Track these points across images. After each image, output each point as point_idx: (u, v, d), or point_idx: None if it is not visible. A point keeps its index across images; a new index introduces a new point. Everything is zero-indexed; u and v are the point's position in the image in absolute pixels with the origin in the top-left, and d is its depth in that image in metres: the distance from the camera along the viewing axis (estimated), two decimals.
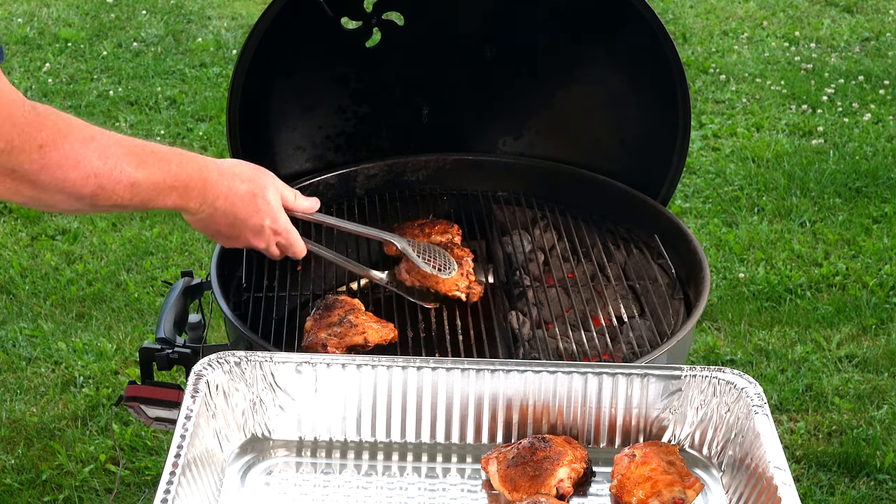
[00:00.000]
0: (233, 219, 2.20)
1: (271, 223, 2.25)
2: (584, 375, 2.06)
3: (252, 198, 2.21)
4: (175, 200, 2.09)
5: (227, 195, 2.17)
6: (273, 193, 2.26)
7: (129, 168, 1.96)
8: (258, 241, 2.27)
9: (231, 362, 2.03)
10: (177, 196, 2.08)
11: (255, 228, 2.24)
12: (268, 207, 2.24)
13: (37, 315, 4.41)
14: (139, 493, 3.59)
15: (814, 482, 3.66)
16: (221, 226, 2.21)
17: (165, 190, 2.05)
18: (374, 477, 2.02)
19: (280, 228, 2.27)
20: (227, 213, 2.18)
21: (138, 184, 1.98)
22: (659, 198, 2.96)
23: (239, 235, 2.25)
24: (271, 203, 2.25)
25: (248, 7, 7.55)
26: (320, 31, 2.90)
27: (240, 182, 2.20)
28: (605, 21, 2.93)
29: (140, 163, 1.98)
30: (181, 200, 2.10)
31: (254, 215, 2.22)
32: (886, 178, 5.41)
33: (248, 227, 2.23)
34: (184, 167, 2.08)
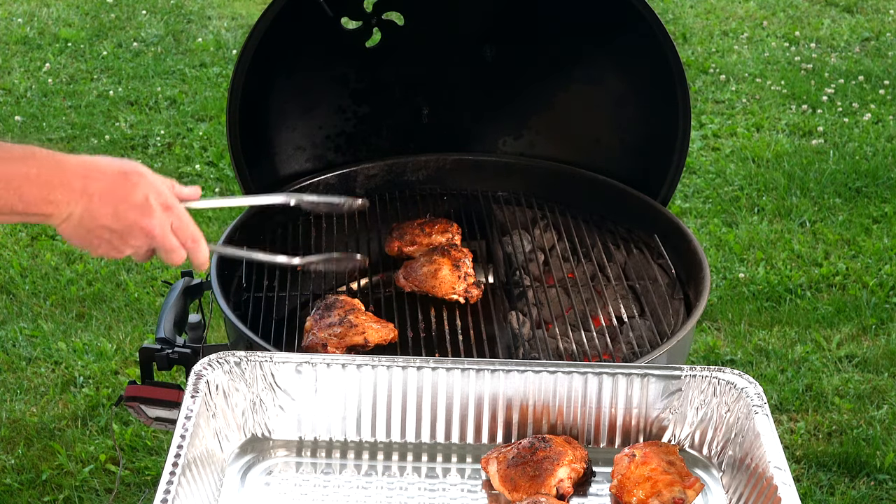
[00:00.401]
0: (113, 201, 1.86)
1: (157, 197, 1.91)
2: (584, 375, 2.06)
3: (125, 175, 1.89)
4: (33, 193, 1.79)
5: (95, 176, 1.86)
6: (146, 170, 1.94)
7: None
8: (149, 221, 1.89)
9: (231, 362, 2.03)
10: (35, 190, 1.79)
11: (141, 206, 1.88)
12: (146, 181, 1.91)
13: (37, 315, 4.41)
14: (139, 493, 3.59)
15: (814, 482, 3.66)
16: (103, 216, 1.86)
17: (14, 181, 1.77)
18: (374, 477, 2.02)
19: (169, 202, 1.93)
20: (103, 195, 1.85)
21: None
22: (659, 198, 2.96)
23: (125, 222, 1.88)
24: (148, 177, 1.92)
25: (248, 7, 7.54)
26: (320, 31, 2.91)
27: (106, 163, 1.90)
28: (606, 21, 2.93)
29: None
30: (41, 191, 1.80)
31: (134, 190, 1.88)
32: (886, 178, 5.41)
33: (134, 206, 1.88)
34: (32, 154, 1.81)
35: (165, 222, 1.91)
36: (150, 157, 5.61)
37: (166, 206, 1.92)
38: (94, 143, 5.71)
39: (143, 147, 5.73)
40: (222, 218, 5.04)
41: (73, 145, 5.68)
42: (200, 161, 5.56)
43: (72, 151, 5.53)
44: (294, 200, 2.26)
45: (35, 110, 6.03)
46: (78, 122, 5.91)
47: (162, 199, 1.91)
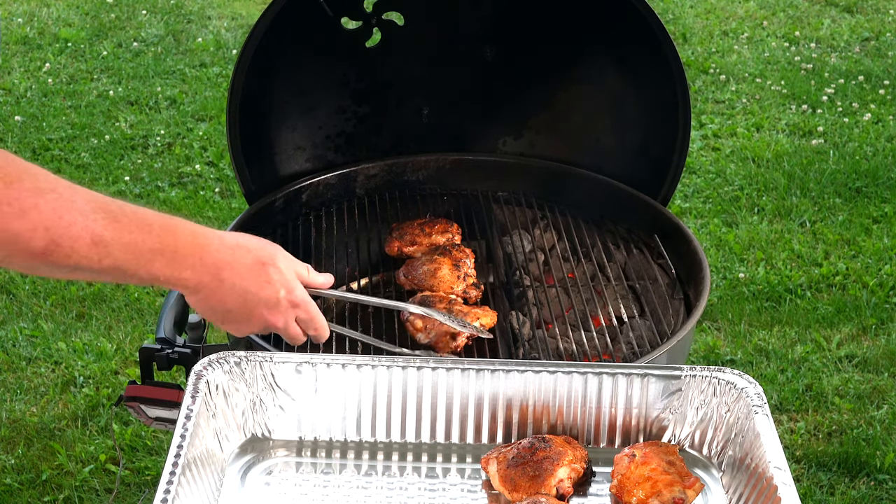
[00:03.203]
0: (243, 292, 1.92)
1: (287, 294, 1.97)
2: (584, 375, 2.06)
3: (261, 266, 1.94)
4: (162, 269, 1.81)
5: (231, 264, 1.90)
6: (284, 262, 1.99)
7: (95, 224, 1.70)
8: (275, 316, 1.97)
9: (231, 362, 2.03)
10: (164, 263, 1.81)
11: (269, 301, 1.95)
12: (280, 276, 1.97)
13: (37, 315, 4.41)
14: (139, 493, 3.59)
15: (814, 482, 3.66)
16: (230, 303, 1.92)
17: (146, 254, 1.78)
18: (374, 477, 2.01)
19: (298, 300, 2.00)
20: (234, 285, 1.90)
21: (104, 242, 1.72)
22: (659, 198, 2.96)
23: (252, 313, 1.95)
24: (283, 272, 1.98)
25: (248, 7, 7.55)
26: (320, 31, 2.90)
27: (245, 251, 1.93)
28: (605, 21, 2.93)
29: (111, 220, 1.73)
30: (170, 269, 1.82)
31: (266, 286, 1.94)
32: (886, 178, 5.41)
33: (262, 301, 1.94)
34: (171, 231, 1.82)
35: (291, 317, 2.00)
36: (150, 157, 5.62)
37: (294, 303, 1.99)
38: (94, 143, 5.71)
39: (143, 147, 5.73)
40: (222, 218, 5.05)
41: (73, 145, 5.69)
42: (200, 161, 5.56)
43: (72, 152, 5.57)
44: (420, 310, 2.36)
45: (35, 110, 6.03)
46: (78, 122, 5.91)
47: (292, 297, 1.98)
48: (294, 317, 2.01)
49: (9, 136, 5.78)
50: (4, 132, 5.83)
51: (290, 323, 2.01)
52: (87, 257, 1.71)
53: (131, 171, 5.47)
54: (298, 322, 2.03)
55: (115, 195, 5.46)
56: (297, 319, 2.02)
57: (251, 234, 2.02)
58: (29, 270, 1.75)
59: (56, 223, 1.67)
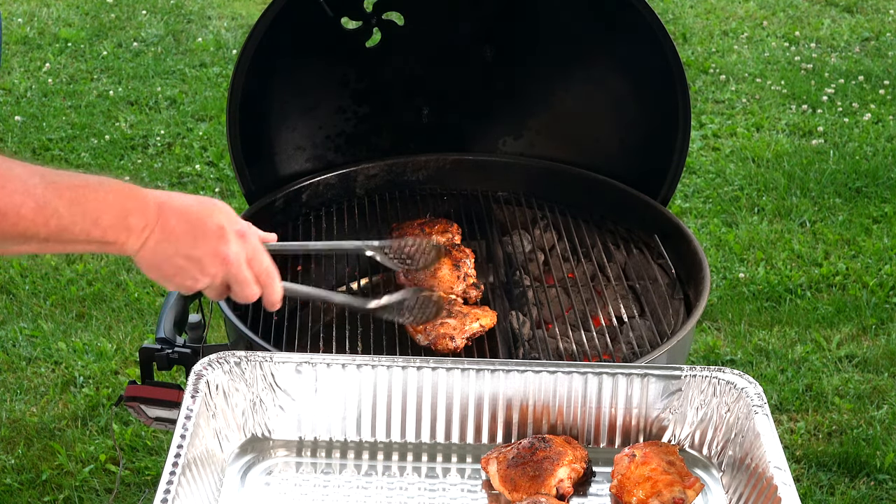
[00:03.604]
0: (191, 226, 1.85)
1: (230, 224, 1.90)
2: (584, 375, 2.06)
3: (199, 203, 1.88)
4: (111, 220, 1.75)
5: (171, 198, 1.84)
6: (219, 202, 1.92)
7: (36, 189, 1.66)
8: (224, 247, 1.88)
9: (231, 362, 2.03)
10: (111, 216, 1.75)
11: (216, 232, 1.87)
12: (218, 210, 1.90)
13: (37, 315, 4.41)
14: (139, 493, 3.59)
15: (814, 482, 3.66)
16: (181, 241, 1.84)
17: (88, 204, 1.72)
18: (374, 477, 2.02)
19: (241, 229, 1.92)
20: (180, 223, 1.83)
21: (48, 204, 1.67)
22: (659, 198, 2.96)
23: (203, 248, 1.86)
24: (219, 205, 1.91)
25: (248, 7, 7.54)
26: (320, 31, 2.91)
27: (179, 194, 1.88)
28: (605, 21, 2.94)
29: (49, 182, 1.69)
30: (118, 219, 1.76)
31: (209, 217, 1.87)
32: (886, 178, 5.41)
33: (210, 232, 1.86)
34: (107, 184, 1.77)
35: (241, 252, 1.90)
36: (150, 157, 5.61)
37: (241, 233, 1.91)
38: (94, 143, 5.71)
39: (143, 147, 5.73)
40: None
41: (73, 145, 5.68)
42: (200, 161, 5.56)
43: (72, 152, 5.57)
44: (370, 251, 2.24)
45: (35, 110, 6.03)
46: (78, 122, 5.91)
47: (236, 227, 1.90)
48: (244, 253, 1.90)
49: (9, 136, 5.78)
50: (4, 132, 5.82)
51: (241, 260, 1.90)
52: (34, 222, 1.66)
53: (131, 171, 5.47)
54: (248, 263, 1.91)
55: None
56: (247, 258, 1.91)
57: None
58: None
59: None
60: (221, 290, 1.94)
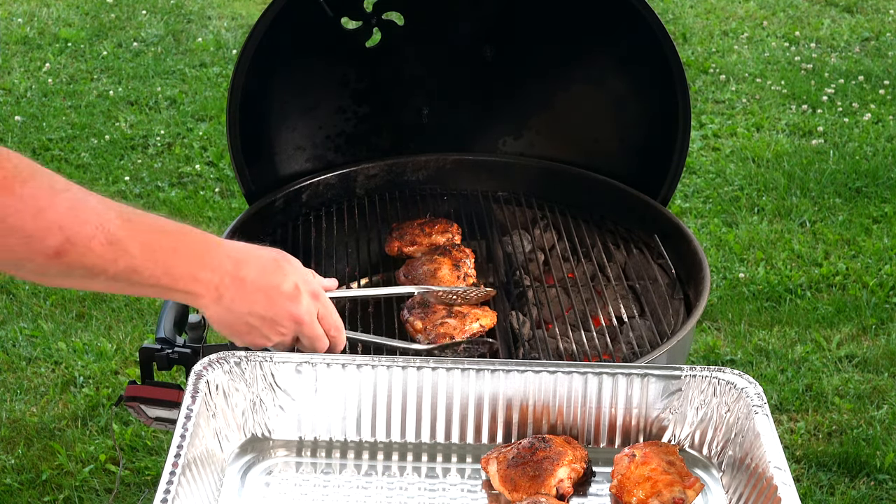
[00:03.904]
0: (266, 288, 1.86)
1: (305, 285, 1.93)
2: (584, 375, 2.06)
3: (275, 262, 1.90)
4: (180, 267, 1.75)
5: (247, 261, 1.85)
6: (292, 258, 1.96)
7: (110, 224, 1.65)
8: (298, 308, 1.91)
9: (231, 362, 2.03)
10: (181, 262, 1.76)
11: (291, 294, 1.90)
12: (294, 269, 1.93)
13: (37, 315, 4.41)
14: (139, 493, 3.59)
15: (814, 482, 3.66)
16: (256, 303, 1.86)
17: (162, 253, 1.73)
18: (374, 477, 2.01)
19: (316, 290, 1.96)
20: (256, 281, 1.84)
21: (120, 241, 1.67)
22: (659, 198, 2.96)
23: (278, 310, 1.89)
24: (295, 266, 1.94)
25: (248, 7, 7.55)
26: (320, 31, 2.91)
27: (255, 249, 1.89)
28: (605, 21, 2.93)
29: (125, 220, 1.69)
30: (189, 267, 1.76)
31: (285, 279, 1.89)
32: (886, 178, 5.41)
33: (285, 295, 1.88)
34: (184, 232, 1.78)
35: (313, 310, 1.94)
36: (150, 157, 5.62)
37: (314, 294, 1.94)
38: (94, 143, 5.71)
39: (143, 147, 5.73)
40: (222, 217, 5.05)
41: (73, 145, 5.68)
42: (200, 161, 5.56)
43: (72, 152, 5.57)
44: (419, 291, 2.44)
45: (35, 110, 6.03)
46: (78, 122, 5.91)
47: (310, 288, 1.94)
48: (316, 311, 1.96)
49: (9, 136, 5.78)
50: (4, 132, 5.83)
51: (313, 319, 1.95)
52: (103, 257, 1.66)
53: (131, 171, 5.47)
54: (319, 319, 1.98)
55: (115, 195, 5.47)
56: (318, 316, 1.97)
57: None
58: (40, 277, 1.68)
59: (71, 221, 1.62)
60: (290, 345, 2.00)
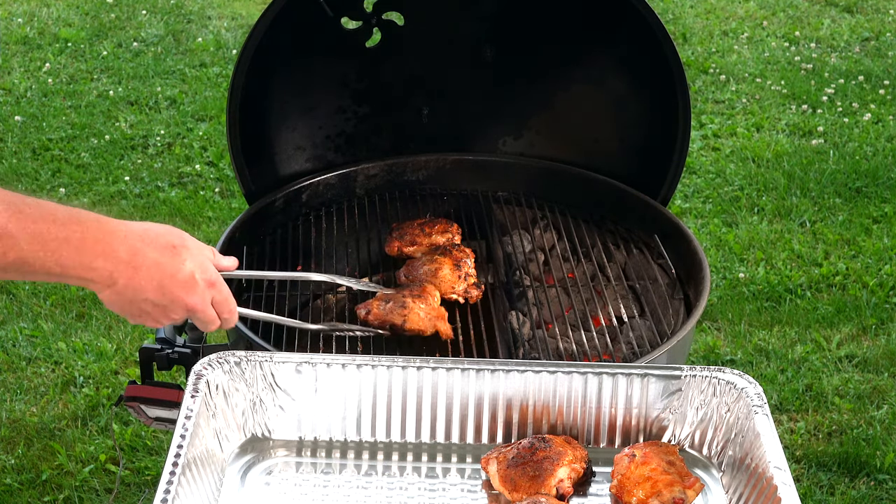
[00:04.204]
0: (159, 277, 1.85)
1: (202, 273, 1.91)
2: (584, 375, 2.06)
3: (173, 249, 1.87)
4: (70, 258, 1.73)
5: (142, 250, 1.82)
6: (193, 242, 1.93)
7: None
8: (193, 297, 1.90)
9: (231, 362, 2.03)
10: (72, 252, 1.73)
11: (187, 283, 1.88)
12: (193, 257, 1.90)
13: (37, 315, 4.41)
14: (139, 493, 3.59)
15: (814, 482, 3.66)
16: (148, 290, 1.84)
17: (52, 243, 1.70)
18: (374, 477, 2.02)
19: (213, 278, 1.94)
20: (150, 269, 1.83)
21: (10, 234, 1.65)
22: (659, 198, 2.96)
23: (172, 297, 1.88)
24: (194, 252, 1.91)
25: (248, 7, 7.54)
26: (320, 31, 2.91)
27: (154, 235, 1.86)
28: (606, 21, 2.94)
29: (14, 212, 1.66)
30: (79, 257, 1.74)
31: (181, 267, 1.87)
32: (886, 178, 5.41)
33: (179, 284, 1.87)
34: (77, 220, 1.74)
35: (207, 297, 1.94)
36: (150, 157, 5.61)
37: (210, 282, 1.93)
38: (94, 143, 5.71)
39: (143, 147, 5.73)
40: (222, 217, 5.05)
41: (73, 145, 5.68)
42: (200, 161, 5.56)
43: (72, 152, 5.57)
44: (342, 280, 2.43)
45: (35, 110, 6.03)
46: (78, 122, 5.91)
47: (206, 276, 1.92)
48: (210, 297, 1.94)
49: (9, 136, 5.78)
50: (4, 132, 5.82)
51: (206, 304, 1.94)
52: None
53: (131, 171, 5.47)
54: (213, 304, 1.96)
55: (115, 195, 5.47)
56: (213, 301, 1.95)
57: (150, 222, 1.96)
58: None
59: None
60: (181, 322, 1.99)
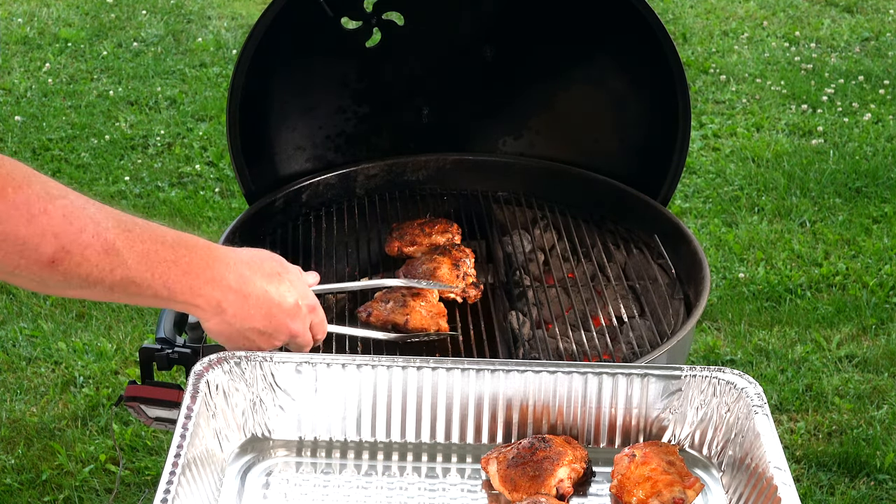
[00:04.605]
0: (267, 306, 1.87)
1: (304, 300, 1.93)
2: (584, 375, 2.06)
3: (277, 276, 1.89)
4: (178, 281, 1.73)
5: (251, 278, 1.83)
6: (290, 266, 1.95)
7: (107, 232, 1.63)
8: (296, 324, 1.94)
9: (231, 362, 2.03)
10: (179, 275, 1.73)
11: (291, 310, 1.91)
12: (294, 284, 1.92)
13: (37, 315, 4.41)
14: (139, 493, 3.59)
15: (814, 482, 3.66)
16: (257, 318, 1.87)
17: (160, 264, 1.70)
18: (374, 477, 2.01)
19: (312, 303, 1.97)
20: (259, 298, 1.84)
21: (117, 251, 1.64)
22: (659, 198, 2.96)
23: (278, 324, 1.91)
24: (295, 279, 1.93)
25: (248, 7, 7.55)
26: (320, 31, 2.91)
27: (258, 262, 1.87)
28: (605, 21, 2.93)
29: (123, 229, 1.66)
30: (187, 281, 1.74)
31: (286, 295, 1.90)
32: (886, 178, 5.41)
33: (285, 311, 1.90)
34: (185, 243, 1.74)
35: (307, 322, 1.98)
36: (150, 157, 5.62)
37: (311, 308, 1.97)
38: (94, 143, 5.71)
39: (143, 147, 5.73)
40: (222, 217, 5.05)
41: (73, 145, 5.68)
42: (200, 161, 5.56)
43: (72, 152, 5.57)
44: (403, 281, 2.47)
45: (35, 110, 6.03)
46: (78, 122, 5.91)
47: (308, 302, 1.96)
48: (310, 322, 1.99)
49: (9, 136, 5.78)
50: (4, 132, 5.83)
51: (307, 329, 1.98)
52: (99, 266, 1.63)
53: (131, 171, 5.47)
54: (311, 326, 2.01)
55: (115, 195, 5.47)
56: (311, 324, 2.01)
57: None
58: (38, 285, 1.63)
59: (66, 229, 1.58)
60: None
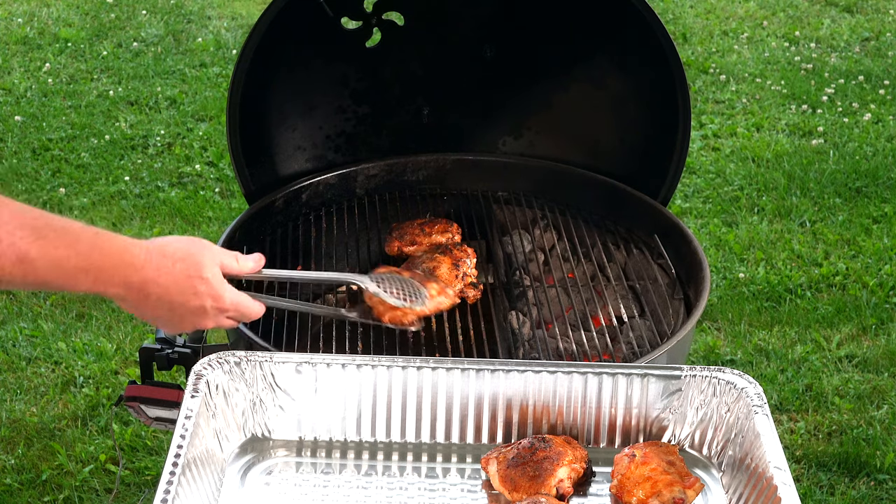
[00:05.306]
0: (169, 305, 1.94)
1: (213, 302, 1.99)
2: (584, 375, 2.06)
3: (188, 279, 1.95)
4: (89, 285, 1.82)
5: (156, 279, 1.91)
6: (211, 268, 1.99)
7: (21, 242, 1.70)
8: (204, 321, 2.01)
9: (231, 362, 2.03)
10: (90, 280, 1.82)
11: (197, 311, 1.98)
12: (207, 287, 1.98)
13: (37, 315, 4.41)
14: (139, 493, 3.59)
15: (814, 482, 3.66)
16: (158, 311, 1.95)
17: (71, 271, 1.78)
18: (374, 477, 2.02)
19: (226, 305, 2.01)
20: (161, 299, 1.92)
21: (30, 260, 1.71)
22: (659, 198, 2.96)
23: (180, 320, 1.99)
24: (210, 281, 1.98)
25: (248, 7, 7.54)
26: (320, 31, 2.91)
27: (171, 262, 1.94)
28: (606, 21, 2.94)
29: (37, 237, 1.73)
30: (96, 285, 1.83)
31: (192, 298, 1.97)
32: (886, 178, 5.41)
33: (190, 311, 1.97)
34: (98, 247, 1.83)
35: (220, 319, 2.02)
36: (150, 157, 5.61)
37: (223, 309, 2.01)
38: (94, 143, 5.71)
39: (143, 147, 5.73)
40: (222, 217, 5.05)
41: (73, 145, 5.68)
42: (200, 161, 5.56)
43: (72, 152, 5.56)
44: (367, 284, 2.35)
45: (35, 110, 6.03)
46: (78, 122, 5.91)
47: (219, 304, 2.00)
48: (224, 318, 2.03)
49: (9, 136, 5.78)
50: (4, 132, 5.82)
51: (220, 323, 2.03)
52: (12, 274, 1.71)
53: (131, 171, 5.47)
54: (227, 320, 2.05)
55: (115, 195, 5.46)
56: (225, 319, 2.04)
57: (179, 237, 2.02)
58: None
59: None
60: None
